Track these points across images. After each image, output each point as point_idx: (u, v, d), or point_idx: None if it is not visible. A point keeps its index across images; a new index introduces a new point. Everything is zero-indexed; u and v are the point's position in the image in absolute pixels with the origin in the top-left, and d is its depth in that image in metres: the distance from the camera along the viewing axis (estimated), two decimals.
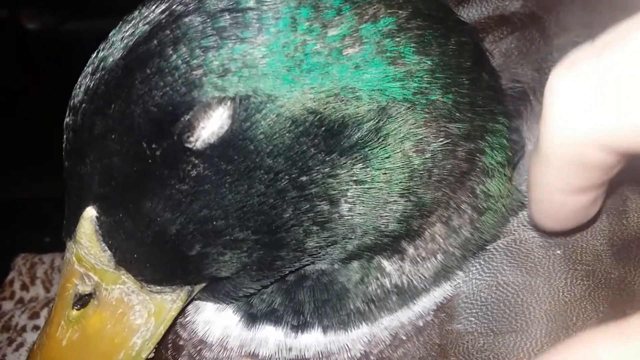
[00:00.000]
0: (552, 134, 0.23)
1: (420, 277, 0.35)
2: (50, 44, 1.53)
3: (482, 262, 0.36)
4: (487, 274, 0.36)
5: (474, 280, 0.36)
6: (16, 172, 1.25)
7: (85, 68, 0.32)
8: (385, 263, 0.35)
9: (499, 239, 0.36)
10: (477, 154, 0.34)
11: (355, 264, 0.35)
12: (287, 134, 0.29)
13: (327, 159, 0.30)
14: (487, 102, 0.34)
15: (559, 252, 0.37)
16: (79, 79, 0.32)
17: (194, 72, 0.28)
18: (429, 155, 0.31)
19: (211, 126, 0.29)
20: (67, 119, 0.31)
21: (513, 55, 0.42)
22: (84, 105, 0.30)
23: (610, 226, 0.37)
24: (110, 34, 0.31)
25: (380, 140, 0.30)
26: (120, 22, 0.31)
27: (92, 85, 0.30)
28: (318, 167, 0.30)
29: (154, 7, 0.30)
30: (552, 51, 0.41)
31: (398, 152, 0.31)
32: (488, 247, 0.36)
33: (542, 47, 0.41)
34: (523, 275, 0.36)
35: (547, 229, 0.28)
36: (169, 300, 0.33)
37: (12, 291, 0.90)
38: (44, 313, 0.80)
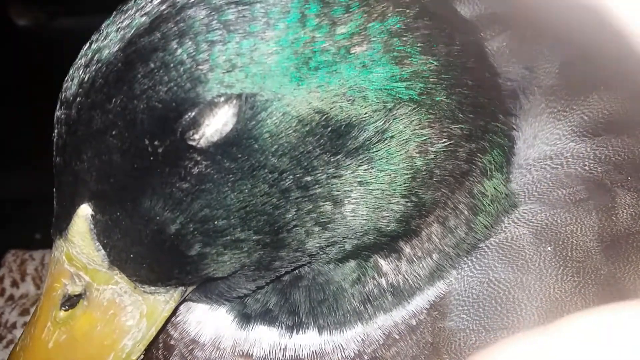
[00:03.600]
0: None
1: (415, 276, 0.35)
2: (41, 41, 1.52)
3: (474, 260, 0.37)
4: (479, 271, 0.37)
5: (465, 278, 0.36)
6: (6, 169, 1.24)
7: (77, 60, 0.30)
8: (382, 262, 0.35)
9: (491, 237, 0.37)
10: (478, 154, 0.34)
11: (352, 263, 0.34)
12: (293, 134, 0.29)
13: (333, 159, 0.29)
14: (489, 102, 0.34)
15: (549, 248, 0.37)
16: (71, 71, 0.30)
17: (200, 67, 0.27)
18: (432, 156, 0.31)
19: (216, 124, 0.28)
20: (58, 113, 0.30)
21: (504, 54, 0.42)
22: (78, 98, 0.29)
23: (600, 222, 0.37)
24: (103, 25, 0.30)
25: (385, 141, 0.30)
26: (114, 13, 0.30)
27: (87, 78, 0.29)
28: (323, 168, 0.29)
29: None
30: (543, 49, 0.41)
31: (402, 153, 0.30)
32: (480, 245, 0.37)
33: (533, 45, 0.41)
34: (514, 272, 0.36)
35: None
36: (162, 301, 0.33)
37: (3, 288, 0.89)
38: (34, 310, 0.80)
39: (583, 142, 0.40)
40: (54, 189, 0.32)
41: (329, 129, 0.29)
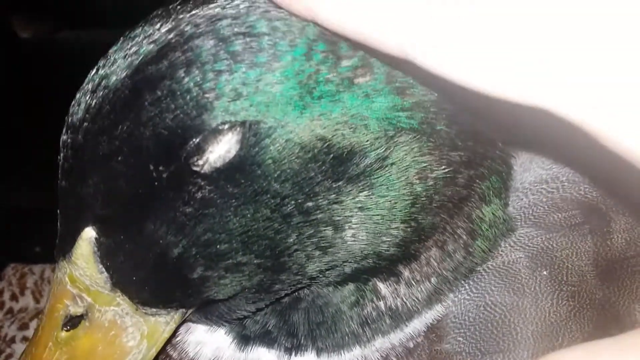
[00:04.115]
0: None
1: (414, 299, 0.35)
2: (44, 53, 1.53)
3: (471, 283, 0.37)
4: (476, 294, 0.37)
5: (462, 301, 0.37)
6: (7, 181, 1.24)
7: (84, 85, 0.31)
8: (380, 285, 0.35)
9: (488, 261, 0.37)
10: (477, 180, 0.34)
11: (351, 286, 0.35)
12: (295, 160, 0.29)
13: (334, 185, 0.30)
14: (488, 130, 0.35)
15: (545, 272, 0.37)
16: (77, 96, 0.31)
17: (206, 96, 0.28)
18: (432, 182, 0.32)
19: (219, 150, 0.28)
20: (64, 137, 0.31)
21: None
22: (85, 124, 0.30)
23: (595, 247, 0.38)
24: (110, 51, 0.31)
25: (386, 168, 0.30)
26: (121, 39, 0.31)
27: (94, 103, 0.29)
28: (324, 194, 0.30)
29: (158, 25, 0.30)
30: None
31: (402, 180, 0.31)
32: (477, 269, 0.37)
33: None
34: (510, 296, 0.37)
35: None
36: (163, 322, 0.33)
37: (2, 301, 0.90)
38: (33, 324, 0.80)
39: (578, 166, 0.41)
40: (58, 211, 0.32)
41: (331, 155, 0.29)
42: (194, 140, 0.28)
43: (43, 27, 1.59)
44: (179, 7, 0.30)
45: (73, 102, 0.31)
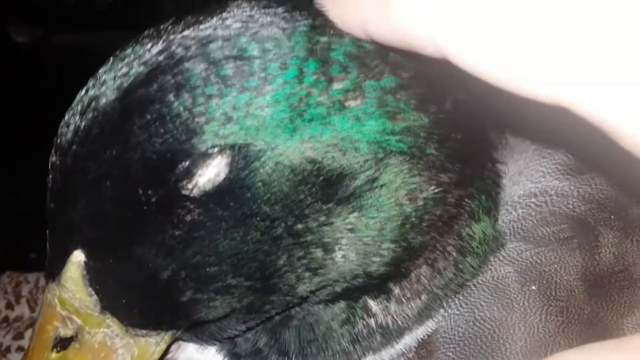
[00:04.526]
0: (409, 14, 0.26)
1: (404, 316, 0.36)
2: (39, 57, 1.53)
3: (461, 298, 0.37)
4: (465, 309, 0.37)
5: (452, 316, 0.37)
6: (2, 187, 1.24)
7: (73, 105, 0.31)
8: (371, 303, 0.35)
9: (478, 276, 0.37)
10: (466, 199, 0.35)
11: (341, 304, 0.35)
12: (285, 182, 0.29)
13: (324, 207, 0.30)
14: (477, 152, 0.35)
15: (534, 287, 0.37)
16: (66, 117, 0.31)
17: (196, 120, 0.28)
18: (422, 203, 0.32)
19: (209, 174, 0.28)
20: (53, 159, 0.31)
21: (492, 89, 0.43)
22: (74, 147, 0.29)
23: (583, 262, 0.38)
24: (100, 71, 0.30)
25: (375, 190, 0.30)
26: (111, 59, 0.31)
27: (83, 126, 0.29)
28: (314, 215, 0.30)
29: (149, 46, 0.29)
30: None
31: (392, 201, 0.31)
32: (467, 283, 0.37)
33: None
34: (499, 311, 0.37)
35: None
36: (153, 342, 0.33)
37: None
38: (28, 334, 0.80)
39: (567, 180, 0.41)
40: (47, 232, 0.32)
41: (321, 178, 0.29)
42: (183, 163, 0.28)
43: (38, 31, 1.59)
44: (170, 27, 0.30)
45: (62, 123, 0.31)
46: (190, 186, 0.28)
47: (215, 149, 0.28)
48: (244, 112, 0.28)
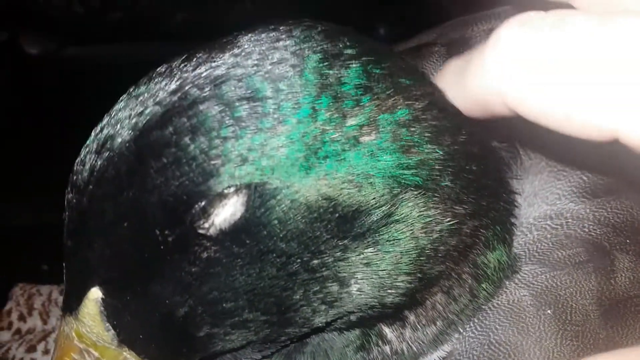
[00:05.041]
0: (481, 73, 0.27)
1: (419, 343, 0.36)
2: (51, 69, 1.54)
3: (476, 321, 0.37)
4: (480, 332, 0.37)
5: (467, 338, 0.37)
6: (13, 199, 1.25)
7: (88, 142, 0.31)
8: (386, 330, 0.35)
9: (493, 299, 0.38)
10: (481, 229, 0.35)
11: (356, 331, 0.35)
12: (301, 220, 0.29)
13: (340, 243, 0.30)
14: (492, 184, 0.35)
15: (549, 311, 0.38)
16: (82, 153, 0.31)
17: (212, 162, 0.28)
18: (437, 235, 0.32)
19: (225, 213, 0.28)
20: (69, 196, 0.31)
21: None
22: (90, 187, 0.30)
23: (599, 286, 0.38)
24: (114, 108, 0.31)
25: (391, 224, 0.31)
26: (126, 96, 0.31)
27: (98, 166, 0.30)
28: (330, 251, 0.30)
29: (163, 84, 0.30)
30: None
31: (408, 235, 0.31)
32: (482, 307, 0.38)
33: None
34: (514, 335, 0.37)
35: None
36: None
37: (10, 321, 0.90)
38: (40, 347, 0.81)
39: (583, 202, 0.41)
40: (64, 266, 0.32)
41: (337, 214, 0.29)
42: (199, 204, 0.28)
43: (50, 43, 1.61)
44: (182, 64, 0.30)
45: (77, 160, 0.31)
46: (206, 225, 0.29)
47: (232, 189, 0.28)
48: (259, 153, 0.28)
